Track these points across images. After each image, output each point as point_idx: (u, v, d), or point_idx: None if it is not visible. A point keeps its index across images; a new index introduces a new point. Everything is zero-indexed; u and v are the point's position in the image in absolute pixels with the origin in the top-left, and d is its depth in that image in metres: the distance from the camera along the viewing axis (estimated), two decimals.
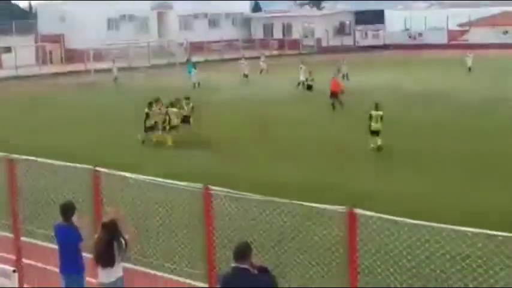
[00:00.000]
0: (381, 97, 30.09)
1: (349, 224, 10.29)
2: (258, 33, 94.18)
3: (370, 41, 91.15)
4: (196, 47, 78.36)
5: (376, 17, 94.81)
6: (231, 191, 10.38)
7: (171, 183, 10.98)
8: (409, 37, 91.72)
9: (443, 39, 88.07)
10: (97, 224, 10.45)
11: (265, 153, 25.65)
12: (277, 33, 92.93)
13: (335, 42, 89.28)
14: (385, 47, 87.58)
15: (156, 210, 14.05)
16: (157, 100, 29.08)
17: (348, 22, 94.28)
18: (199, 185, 10.22)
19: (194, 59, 66.94)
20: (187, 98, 29.83)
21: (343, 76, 47.38)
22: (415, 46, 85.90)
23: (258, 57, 63.76)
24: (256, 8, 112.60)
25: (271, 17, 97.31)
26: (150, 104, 28.74)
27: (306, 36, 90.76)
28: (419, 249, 12.24)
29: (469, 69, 54.98)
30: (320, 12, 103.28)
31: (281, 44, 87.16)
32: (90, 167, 11.48)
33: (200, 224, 10.52)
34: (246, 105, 39.09)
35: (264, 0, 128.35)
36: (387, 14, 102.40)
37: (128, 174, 11.54)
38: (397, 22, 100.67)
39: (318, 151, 26.05)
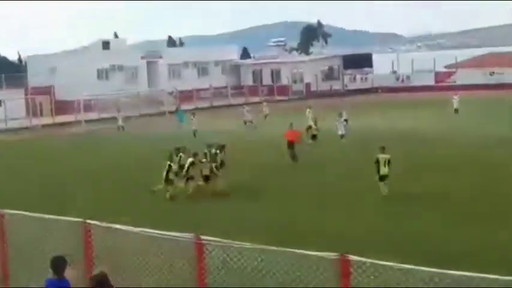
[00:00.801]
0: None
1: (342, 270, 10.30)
2: (247, 79, 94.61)
3: (358, 85, 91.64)
4: (186, 95, 78.62)
5: (364, 61, 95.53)
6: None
7: (168, 235, 10.88)
8: (397, 79, 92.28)
9: (430, 81, 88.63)
10: (88, 278, 10.36)
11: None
12: (266, 80, 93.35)
13: (324, 86, 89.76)
14: (374, 90, 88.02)
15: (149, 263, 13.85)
16: (182, 149, 28.53)
17: (336, 66, 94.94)
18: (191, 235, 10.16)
19: (183, 107, 67.20)
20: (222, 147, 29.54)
21: (345, 121, 46.05)
22: (403, 88, 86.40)
23: (247, 104, 63.92)
24: (245, 55, 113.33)
25: (260, 64, 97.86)
26: (178, 153, 28.24)
27: (295, 82, 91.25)
28: None
29: (456, 110, 55.35)
30: (308, 57, 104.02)
31: (270, 90, 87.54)
32: (80, 219, 11.42)
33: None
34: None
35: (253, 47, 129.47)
36: (375, 57, 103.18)
37: (119, 226, 11.48)
38: (385, 65, 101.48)
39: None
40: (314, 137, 42.47)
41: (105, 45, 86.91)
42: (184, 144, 30.62)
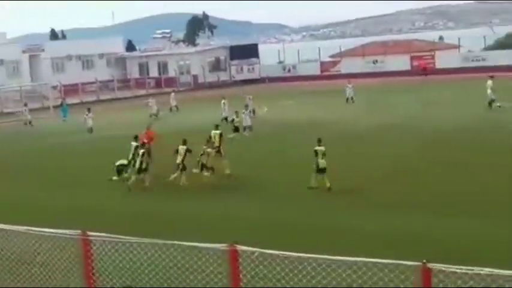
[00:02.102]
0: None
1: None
2: (133, 72, 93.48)
3: (246, 75, 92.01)
4: (70, 89, 76.95)
5: (251, 51, 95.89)
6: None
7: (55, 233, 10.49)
8: (284, 69, 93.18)
9: (316, 70, 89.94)
10: None
11: None
12: (153, 72, 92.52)
13: (211, 77, 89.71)
14: (261, 80, 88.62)
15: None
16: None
17: (223, 57, 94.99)
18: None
19: (69, 101, 65.78)
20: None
21: (251, 112, 44.36)
22: (289, 78, 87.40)
23: (134, 97, 63.20)
24: (131, 48, 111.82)
25: (146, 56, 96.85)
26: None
27: (182, 73, 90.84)
28: None
29: (351, 99, 55.17)
30: (195, 48, 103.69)
31: (158, 82, 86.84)
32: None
33: None
34: None
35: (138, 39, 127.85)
36: (261, 48, 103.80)
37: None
38: (271, 55, 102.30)
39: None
40: (236, 129, 39.09)
41: None
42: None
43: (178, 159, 26.97)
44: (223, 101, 47.08)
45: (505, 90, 51.20)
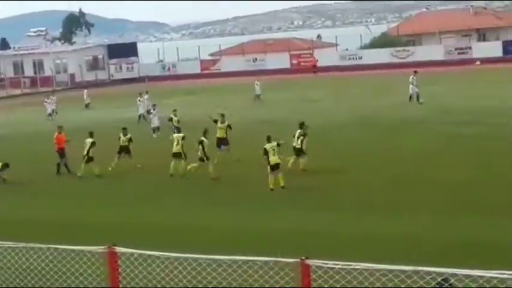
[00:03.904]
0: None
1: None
2: (8, 71, 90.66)
3: (125, 74, 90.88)
4: None
5: (129, 50, 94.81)
6: None
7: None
8: (164, 68, 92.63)
9: (196, 69, 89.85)
10: None
11: None
12: (29, 71, 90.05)
13: (89, 76, 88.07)
14: (141, 79, 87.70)
15: None
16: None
17: (101, 56, 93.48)
18: None
19: None
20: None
21: (148, 112, 43.20)
22: (170, 77, 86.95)
23: (8, 97, 61.35)
24: (4, 46, 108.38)
25: (20, 54, 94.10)
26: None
27: (59, 72, 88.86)
28: None
29: (258, 96, 54.65)
30: (72, 47, 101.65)
31: (33, 82, 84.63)
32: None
33: None
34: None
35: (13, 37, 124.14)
36: (140, 46, 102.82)
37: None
38: (150, 54, 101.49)
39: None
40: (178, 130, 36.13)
41: None
42: None
43: (176, 148, 27.27)
44: (139, 98, 46.13)
45: (388, 88, 52.72)
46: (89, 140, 28.65)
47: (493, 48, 77.42)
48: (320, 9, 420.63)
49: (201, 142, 26.37)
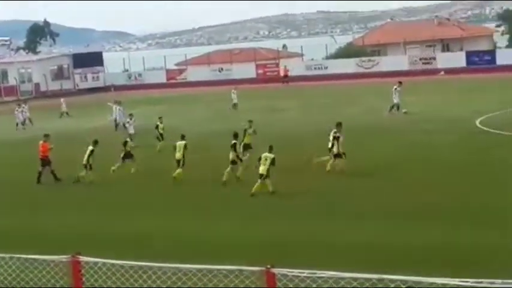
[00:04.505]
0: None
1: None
2: None
3: (90, 84, 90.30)
4: None
5: (95, 59, 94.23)
6: None
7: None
8: (129, 78, 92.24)
9: (162, 78, 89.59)
10: None
11: None
12: None
13: (54, 86, 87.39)
14: (107, 88, 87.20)
15: None
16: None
17: (66, 65, 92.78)
18: None
19: None
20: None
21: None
22: (135, 86, 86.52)
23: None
24: None
25: None
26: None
27: (24, 82, 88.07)
28: None
29: (234, 105, 54.58)
30: (36, 56, 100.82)
31: None
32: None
33: None
34: None
35: None
36: (106, 55, 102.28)
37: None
38: (116, 63, 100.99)
39: None
40: (161, 137, 36.20)
41: None
42: None
43: (178, 155, 27.56)
44: (114, 106, 46.04)
45: (354, 97, 52.93)
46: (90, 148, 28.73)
47: (456, 59, 78.29)
48: (286, 19, 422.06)
49: (233, 145, 26.82)
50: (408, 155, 30.39)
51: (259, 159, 24.32)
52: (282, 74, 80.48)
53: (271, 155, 24.13)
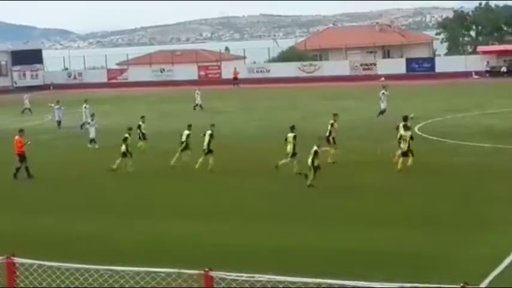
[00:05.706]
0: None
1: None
2: None
3: (29, 81, 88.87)
4: None
5: (34, 57, 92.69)
6: None
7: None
8: (69, 76, 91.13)
9: (103, 78, 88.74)
10: None
11: None
12: None
13: None
14: (46, 86, 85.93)
15: None
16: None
17: (4, 62, 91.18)
18: None
19: None
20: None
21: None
22: (76, 85, 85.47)
23: None
24: None
25: None
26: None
27: None
28: None
29: (199, 105, 54.24)
30: None
31: None
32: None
33: None
34: None
35: None
36: (46, 53, 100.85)
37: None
38: (56, 62, 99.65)
39: None
40: (144, 136, 35.29)
41: None
42: None
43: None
44: (84, 105, 44.49)
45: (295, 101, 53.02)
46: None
47: (397, 65, 79.40)
48: (229, 21, 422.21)
49: (293, 138, 27.60)
50: (343, 160, 30.46)
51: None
52: (232, 76, 79.99)
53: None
